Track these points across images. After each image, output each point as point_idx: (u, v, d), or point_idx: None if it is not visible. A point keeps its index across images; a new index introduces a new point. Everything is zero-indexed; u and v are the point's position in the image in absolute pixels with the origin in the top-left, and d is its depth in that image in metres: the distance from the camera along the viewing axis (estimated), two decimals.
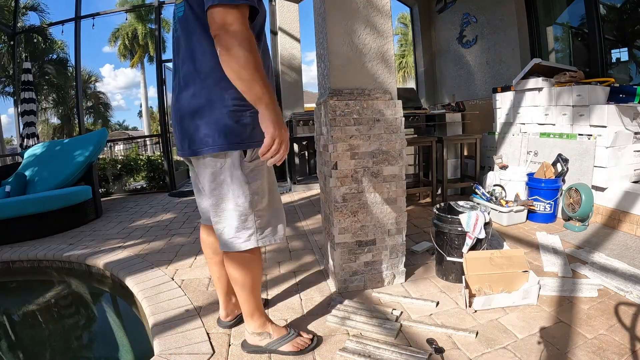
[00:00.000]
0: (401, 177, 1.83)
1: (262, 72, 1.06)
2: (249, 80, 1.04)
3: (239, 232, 1.25)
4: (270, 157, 1.10)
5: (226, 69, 1.05)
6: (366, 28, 1.76)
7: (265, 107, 1.08)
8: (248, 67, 1.03)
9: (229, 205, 1.23)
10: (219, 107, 1.14)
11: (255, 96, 1.07)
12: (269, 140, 1.08)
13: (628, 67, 3.52)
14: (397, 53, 19.16)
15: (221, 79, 1.11)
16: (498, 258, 1.70)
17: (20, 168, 4.04)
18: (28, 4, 11.84)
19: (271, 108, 1.08)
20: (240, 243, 1.26)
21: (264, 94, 1.06)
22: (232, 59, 1.02)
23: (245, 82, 1.05)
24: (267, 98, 1.07)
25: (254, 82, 1.05)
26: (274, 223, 1.31)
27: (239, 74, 1.04)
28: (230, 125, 1.15)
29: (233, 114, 1.15)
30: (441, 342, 1.38)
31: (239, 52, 1.01)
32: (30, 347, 1.95)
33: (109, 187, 5.50)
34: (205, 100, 1.15)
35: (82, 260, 2.55)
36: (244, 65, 1.02)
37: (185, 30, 1.18)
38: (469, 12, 4.65)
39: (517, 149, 3.33)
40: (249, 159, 1.21)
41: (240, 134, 1.17)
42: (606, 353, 1.27)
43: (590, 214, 2.54)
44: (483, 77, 4.56)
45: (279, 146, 1.09)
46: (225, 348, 1.42)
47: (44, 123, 17.01)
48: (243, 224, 1.24)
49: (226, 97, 1.14)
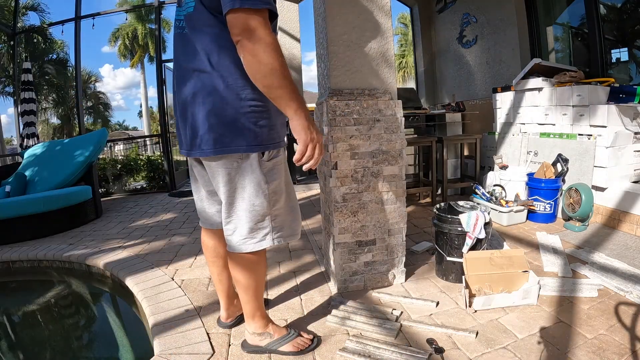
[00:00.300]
0: (401, 177, 1.83)
1: (290, 78, 1.03)
2: (277, 87, 1.01)
3: (254, 233, 1.22)
4: (306, 163, 1.07)
5: (252, 75, 1.02)
6: (366, 28, 1.76)
7: (294, 112, 1.05)
8: (276, 74, 1.00)
9: (243, 205, 1.20)
10: (235, 107, 1.10)
11: (283, 103, 1.04)
12: (302, 148, 1.06)
13: (628, 67, 3.52)
14: (397, 53, 19.17)
15: (238, 79, 1.09)
16: (498, 258, 1.70)
17: (20, 168, 4.04)
18: (28, 4, 11.84)
19: (300, 113, 1.05)
20: (254, 243, 1.23)
21: (292, 100, 1.04)
22: (259, 65, 0.99)
23: (273, 89, 1.02)
24: (296, 104, 1.04)
25: (283, 89, 1.02)
26: (291, 221, 1.29)
27: (266, 80, 1.01)
28: (248, 127, 1.12)
29: (251, 115, 1.12)
30: (441, 342, 1.38)
31: (265, 58, 0.98)
32: (30, 347, 1.95)
33: (109, 187, 5.50)
34: (220, 100, 1.10)
35: (82, 260, 2.55)
36: (272, 71, 0.99)
37: (195, 26, 1.12)
38: (469, 12, 4.65)
39: (517, 149, 3.33)
40: (267, 159, 1.18)
41: (258, 136, 1.13)
42: (606, 353, 1.27)
43: (590, 214, 2.54)
44: (483, 77, 4.56)
45: (313, 151, 1.07)
46: (225, 348, 1.42)
47: (44, 123, 17.01)
48: (259, 224, 1.22)
49: (243, 97, 1.10)
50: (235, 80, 1.09)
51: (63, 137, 15.82)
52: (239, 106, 1.10)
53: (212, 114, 1.11)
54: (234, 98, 1.10)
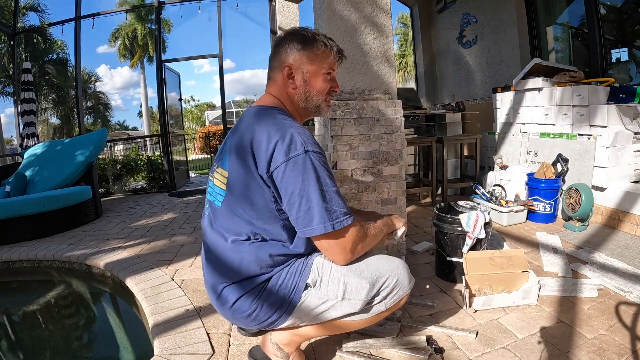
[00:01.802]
0: (401, 177, 1.83)
1: (373, 235, 1.10)
2: (380, 238, 1.14)
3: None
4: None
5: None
6: (367, 27, 1.76)
7: (388, 225, 1.18)
8: (376, 238, 1.12)
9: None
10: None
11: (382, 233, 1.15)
12: (400, 234, 1.24)
13: (628, 67, 3.52)
14: (397, 53, 19.16)
15: (263, 282, 1.06)
16: (498, 258, 1.70)
17: (20, 168, 4.04)
18: (28, 4, 11.84)
19: (389, 222, 1.19)
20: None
21: (385, 227, 1.16)
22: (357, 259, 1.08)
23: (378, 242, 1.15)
24: (385, 223, 1.18)
25: (381, 234, 1.14)
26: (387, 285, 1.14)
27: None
28: None
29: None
30: (441, 342, 1.38)
31: (371, 247, 1.10)
32: (30, 347, 1.95)
33: (109, 187, 5.50)
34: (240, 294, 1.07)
35: (82, 260, 2.55)
36: (375, 243, 1.12)
37: (219, 227, 1.08)
38: (469, 12, 4.65)
39: (517, 149, 3.33)
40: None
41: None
42: (606, 353, 1.27)
43: (590, 214, 2.54)
44: (483, 77, 4.55)
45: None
46: (225, 348, 1.42)
47: (44, 123, 17.01)
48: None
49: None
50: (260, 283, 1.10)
51: (63, 137, 15.82)
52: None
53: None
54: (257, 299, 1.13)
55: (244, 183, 1.00)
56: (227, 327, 1.56)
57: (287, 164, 0.94)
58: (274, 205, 1.00)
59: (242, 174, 1.00)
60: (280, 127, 0.98)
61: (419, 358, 1.29)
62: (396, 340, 1.40)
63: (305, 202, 0.94)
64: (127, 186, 5.72)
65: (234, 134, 1.09)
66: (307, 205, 0.94)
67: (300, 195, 0.94)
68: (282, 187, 0.96)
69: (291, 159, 0.94)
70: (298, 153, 0.94)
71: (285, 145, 0.95)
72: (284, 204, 0.98)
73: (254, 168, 0.98)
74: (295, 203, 0.95)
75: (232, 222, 1.05)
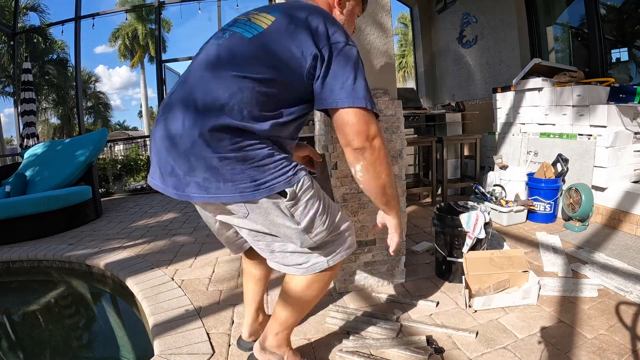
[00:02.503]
0: (401, 177, 1.83)
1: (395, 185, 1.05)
2: (389, 195, 1.04)
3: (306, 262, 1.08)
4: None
5: (369, 188, 1.01)
6: (368, 26, 1.75)
7: (395, 214, 1.10)
8: (390, 186, 1.02)
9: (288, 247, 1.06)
10: (264, 169, 0.93)
11: (388, 207, 1.08)
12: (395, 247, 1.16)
13: (628, 67, 3.53)
14: (397, 53, 19.17)
15: (274, 146, 0.96)
16: (498, 258, 1.70)
17: (20, 168, 4.04)
18: (28, 4, 11.85)
19: (399, 215, 1.12)
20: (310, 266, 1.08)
21: (397, 204, 1.09)
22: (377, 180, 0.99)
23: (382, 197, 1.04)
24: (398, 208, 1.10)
25: (392, 198, 1.05)
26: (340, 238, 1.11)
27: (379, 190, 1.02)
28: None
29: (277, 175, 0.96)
30: (441, 342, 1.38)
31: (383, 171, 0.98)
32: (30, 347, 1.95)
33: (109, 187, 5.50)
34: (242, 156, 0.90)
35: (82, 260, 2.55)
36: (387, 184, 1.01)
37: (247, 61, 0.91)
38: (469, 12, 4.65)
39: (517, 149, 3.33)
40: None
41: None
42: (606, 353, 1.27)
43: (590, 214, 2.54)
44: (483, 77, 4.56)
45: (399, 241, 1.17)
46: (225, 348, 1.42)
47: (44, 123, 17.02)
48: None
49: (271, 166, 0.93)
50: (270, 146, 0.99)
51: (63, 137, 15.82)
52: (270, 169, 1.02)
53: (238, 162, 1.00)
54: (260, 163, 0.99)
55: (290, 34, 0.93)
56: (227, 327, 1.56)
57: (346, 47, 0.94)
58: (309, 63, 0.92)
59: (290, 32, 0.94)
60: (336, 21, 1.01)
61: (419, 358, 1.29)
62: (396, 340, 1.40)
63: (354, 79, 0.93)
64: (127, 186, 5.72)
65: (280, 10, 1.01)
66: (355, 83, 0.92)
67: (351, 73, 0.93)
68: (336, 61, 0.93)
69: (349, 45, 0.95)
70: (353, 45, 0.97)
71: (344, 33, 0.97)
72: (329, 74, 0.93)
73: (306, 33, 0.93)
74: (345, 75, 0.92)
75: (253, 59, 0.92)
